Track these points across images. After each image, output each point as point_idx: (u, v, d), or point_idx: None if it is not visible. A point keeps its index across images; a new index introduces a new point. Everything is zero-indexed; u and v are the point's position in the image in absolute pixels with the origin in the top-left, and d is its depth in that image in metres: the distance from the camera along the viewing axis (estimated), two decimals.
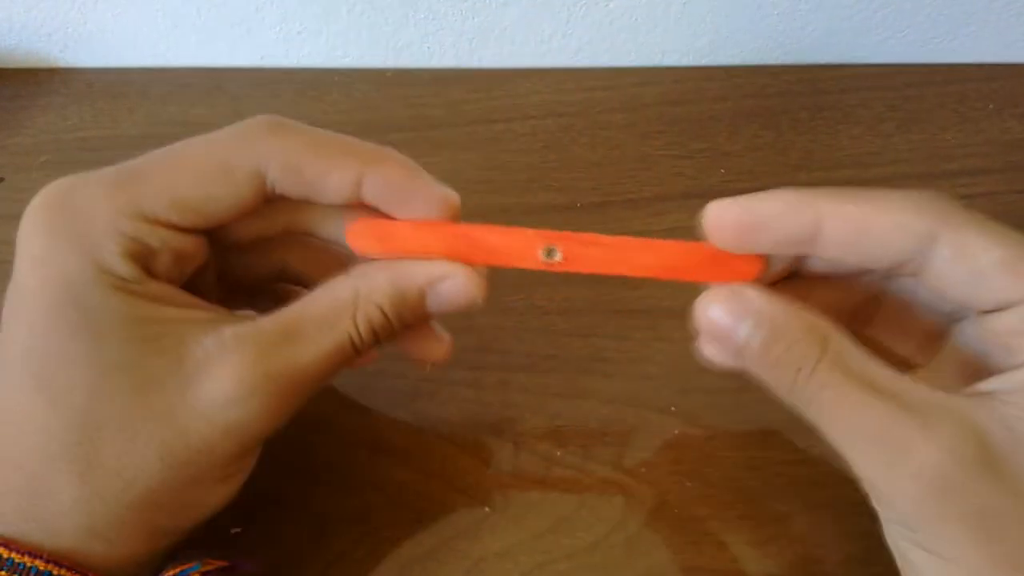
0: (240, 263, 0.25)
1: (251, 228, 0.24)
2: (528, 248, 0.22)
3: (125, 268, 0.21)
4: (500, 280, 0.34)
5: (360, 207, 0.22)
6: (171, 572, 0.22)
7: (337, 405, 0.31)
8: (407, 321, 0.22)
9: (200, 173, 0.21)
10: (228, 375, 0.20)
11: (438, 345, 0.25)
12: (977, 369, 0.21)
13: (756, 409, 0.30)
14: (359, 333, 0.21)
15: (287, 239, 0.25)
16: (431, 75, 0.44)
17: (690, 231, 0.36)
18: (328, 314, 0.21)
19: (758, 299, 0.20)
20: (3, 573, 0.19)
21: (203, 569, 0.22)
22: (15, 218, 0.37)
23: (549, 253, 0.22)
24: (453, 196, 0.22)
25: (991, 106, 0.41)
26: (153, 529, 0.21)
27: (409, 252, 0.22)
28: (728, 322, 0.21)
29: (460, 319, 0.33)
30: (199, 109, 0.42)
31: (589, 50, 0.44)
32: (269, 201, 0.22)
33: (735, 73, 0.44)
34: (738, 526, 0.27)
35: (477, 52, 0.44)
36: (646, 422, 0.30)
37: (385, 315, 0.22)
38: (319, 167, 0.22)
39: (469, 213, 0.27)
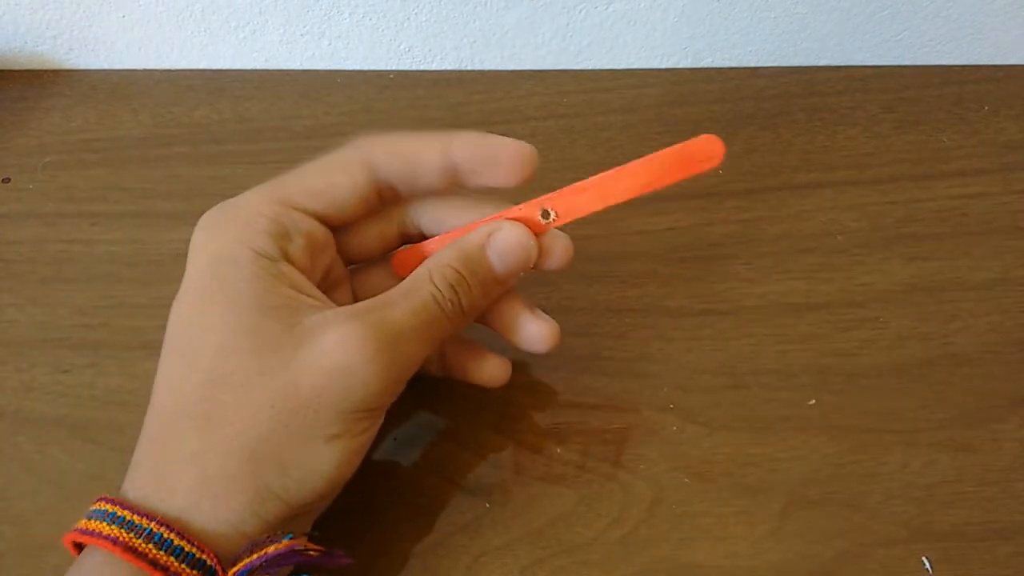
0: (375, 281, 0.29)
1: (372, 230, 0.28)
2: (532, 217, 0.26)
3: (265, 244, 0.24)
4: None
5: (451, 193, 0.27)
6: (263, 543, 0.23)
7: None
8: (480, 278, 0.26)
9: (324, 168, 0.26)
10: (332, 333, 0.23)
11: (501, 366, 0.29)
12: None
13: (753, 407, 0.31)
14: (439, 289, 0.25)
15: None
16: (432, 77, 0.45)
17: (689, 231, 0.37)
18: (411, 283, 0.25)
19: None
20: (124, 532, 0.21)
21: (294, 541, 0.22)
22: (20, 218, 0.38)
23: (545, 215, 0.26)
24: (528, 147, 0.26)
25: (987, 108, 0.42)
26: (259, 486, 0.22)
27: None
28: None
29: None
30: (202, 111, 0.43)
31: (589, 52, 0.44)
32: (384, 200, 0.27)
33: (733, 75, 0.44)
34: (735, 522, 0.28)
35: (478, 55, 0.45)
36: (645, 420, 0.30)
37: (458, 271, 0.25)
38: (413, 147, 0.26)
39: None
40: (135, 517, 0.21)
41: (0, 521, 0.28)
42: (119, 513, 0.22)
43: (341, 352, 0.23)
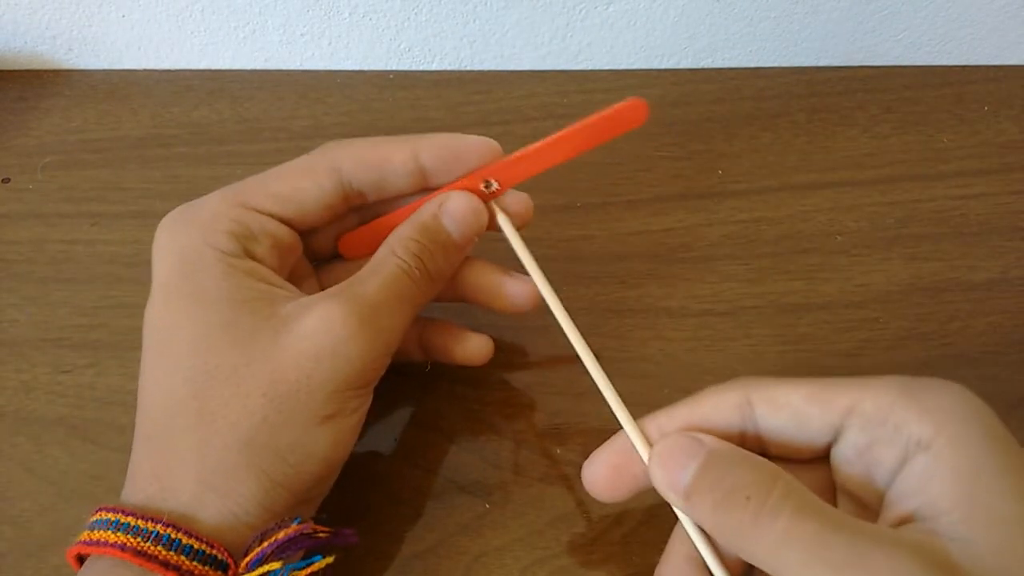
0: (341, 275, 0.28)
1: (337, 230, 0.29)
2: (475, 188, 0.27)
3: (228, 244, 0.25)
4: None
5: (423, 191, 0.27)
6: (273, 529, 0.23)
7: None
8: (440, 244, 0.26)
9: (289, 173, 0.27)
10: (312, 316, 0.23)
11: (481, 342, 0.29)
12: (868, 499, 0.22)
13: None
14: (404, 260, 0.25)
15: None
16: (432, 77, 0.45)
17: (689, 231, 0.37)
18: (376, 260, 0.26)
19: (708, 439, 0.22)
20: (130, 537, 0.21)
21: (302, 525, 0.23)
22: (20, 218, 0.38)
23: (487, 185, 0.27)
24: (493, 143, 0.27)
25: (987, 108, 0.42)
26: (260, 475, 0.23)
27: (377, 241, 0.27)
28: (679, 460, 0.21)
29: (460, 318, 0.33)
30: (202, 111, 0.43)
31: (588, 53, 0.44)
32: (350, 205, 0.27)
33: (733, 76, 0.44)
34: None
35: (478, 55, 0.45)
36: None
37: (418, 241, 0.26)
38: (381, 153, 0.26)
39: None
40: (139, 521, 0.21)
41: (0, 521, 0.28)
42: (122, 520, 0.22)
43: (324, 332, 0.23)
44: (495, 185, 0.27)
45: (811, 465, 0.23)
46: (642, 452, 0.23)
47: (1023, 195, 0.38)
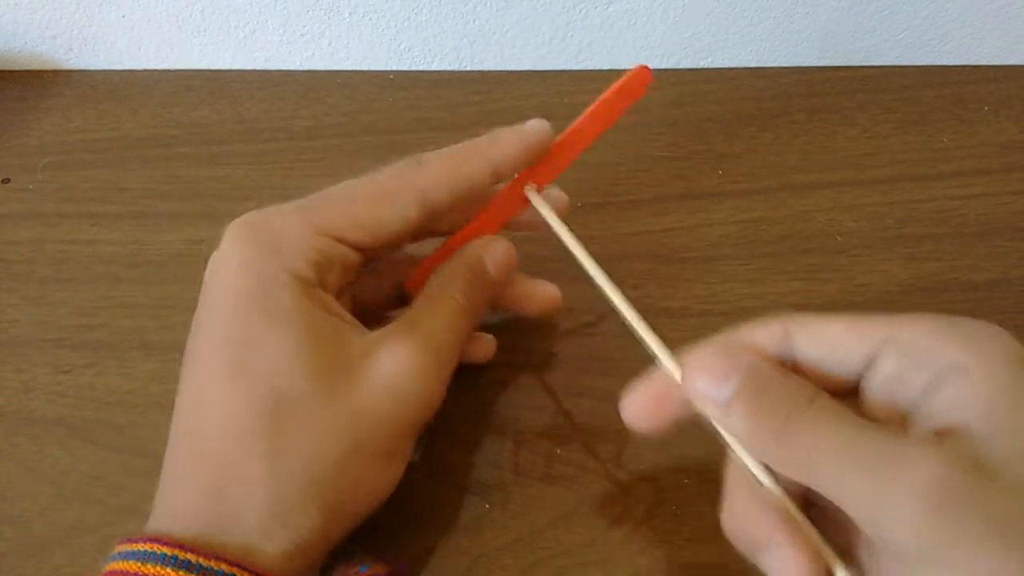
0: (371, 286, 0.29)
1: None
2: (519, 194, 0.28)
3: (308, 272, 0.24)
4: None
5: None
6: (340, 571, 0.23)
7: None
8: (484, 285, 0.27)
9: (371, 199, 0.26)
10: (387, 356, 0.24)
11: (486, 345, 0.30)
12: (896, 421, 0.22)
13: None
14: (461, 299, 0.26)
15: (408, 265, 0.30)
16: (432, 77, 0.45)
17: (689, 231, 0.37)
18: (431, 297, 0.26)
19: (745, 353, 0.22)
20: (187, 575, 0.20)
21: (369, 572, 0.23)
22: (20, 218, 0.38)
23: (528, 187, 0.28)
24: (545, 130, 0.28)
25: (987, 108, 0.42)
26: (329, 511, 0.23)
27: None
28: (720, 372, 0.21)
29: None
30: (202, 111, 0.43)
31: (588, 53, 0.44)
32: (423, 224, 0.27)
33: (733, 76, 0.44)
34: None
35: (478, 55, 0.45)
36: None
37: (470, 282, 0.27)
38: (464, 173, 0.26)
39: None
40: (202, 559, 0.21)
41: (0, 521, 0.28)
42: (181, 556, 0.21)
43: (403, 375, 0.24)
44: (534, 187, 0.28)
45: (841, 398, 0.23)
46: (678, 376, 0.23)
47: (1023, 195, 0.38)
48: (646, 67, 0.28)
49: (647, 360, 0.32)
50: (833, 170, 0.39)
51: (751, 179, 0.39)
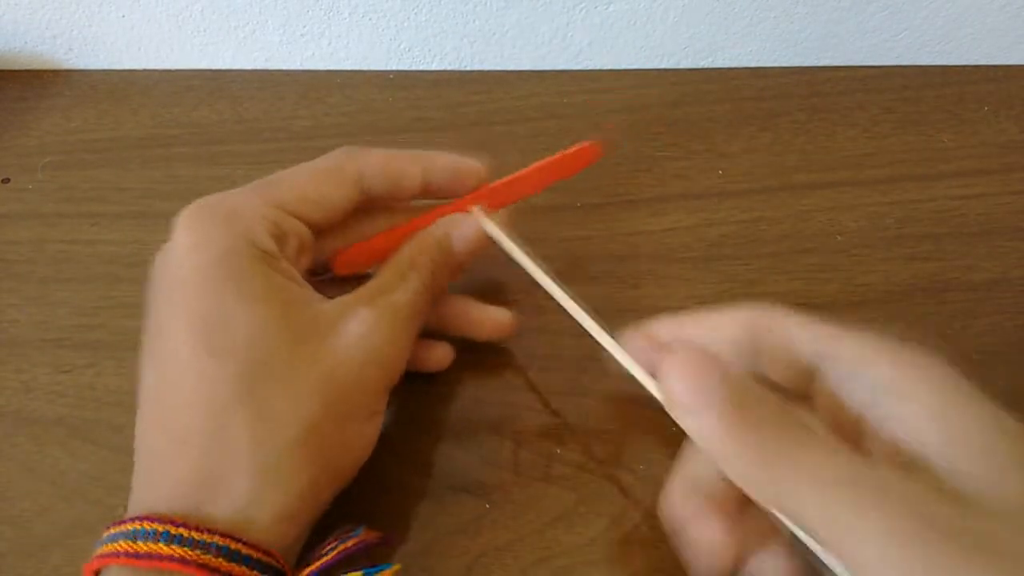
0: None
1: (349, 234, 0.30)
2: (464, 211, 0.30)
3: (269, 243, 0.25)
4: (499, 280, 0.35)
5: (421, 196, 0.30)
6: (333, 540, 0.24)
7: None
8: (449, 262, 0.29)
9: (318, 177, 0.27)
10: (356, 322, 0.25)
11: (443, 353, 0.31)
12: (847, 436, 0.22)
13: None
14: (424, 275, 0.27)
15: None
16: (432, 77, 0.45)
17: (689, 231, 0.37)
18: (398, 269, 0.27)
19: (721, 360, 0.22)
20: (188, 550, 0.21)
21: (363, 536, 0.24)
22: (20, 218, 0.38)
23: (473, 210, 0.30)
24: (480, 167, 0.30)
25: (987, 108, 0.42)
26: (317, 469, 0.23)
27: (382, 256, 0.28)
28: (701, 384, 0.21)
29: None
30: (202, 111, 0.43)
31: (589, 53, 0.44)
32: (361, 209, 0.29)
33: (733, 75, 0.44)
34: None
35: (478, 55, 0.45)
36: (644, 420, 0.30)
37: (434, 260, 0.28)
38: (398, 166, 0.29)
39: None
40: (194, 533, 0.21)
41: (0, 521, 0.28)
42: (174, 531, 0.21)
43: (370, 337, 0.25)
44: (478, 209, 0.30)
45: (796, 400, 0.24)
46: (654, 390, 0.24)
47: (1023, 195, 0.38)
48: (597, 145, 0.31)
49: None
50: (833, 170, 0.39)
51: (751, 179, 0.39)
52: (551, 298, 0.34)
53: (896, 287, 0.34)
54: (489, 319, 0.31)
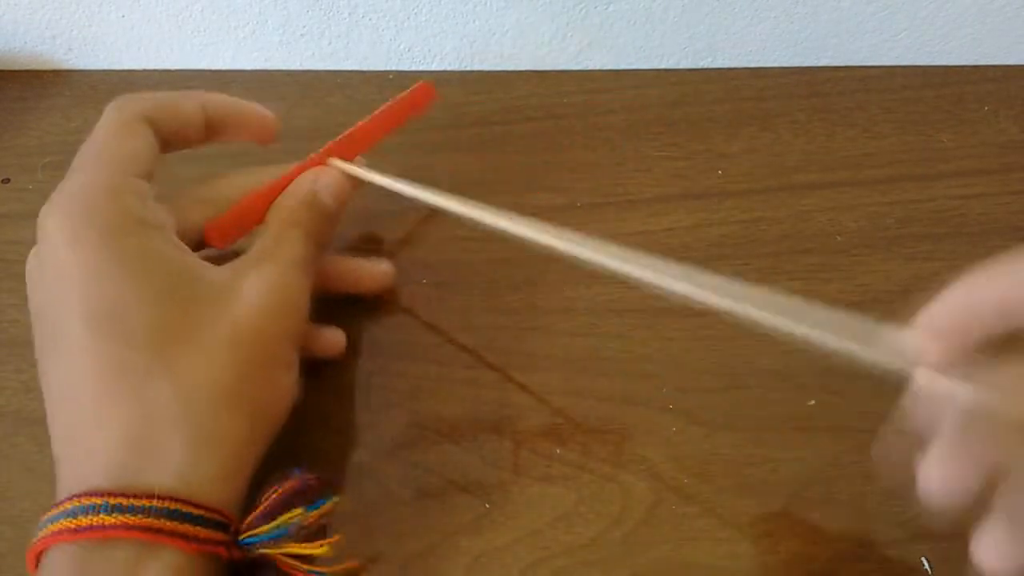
0: None
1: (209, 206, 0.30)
2: (322, 164, 0.31)
3: (141, 210, 0.26)
4: (499, 280, 0.35)
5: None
6: (273, 486, 0.24)
7: (336, 404, 0.31)
8: (324, 214, 0.30)
9: (117, 140, 0.27)
10: (252, 279, 0.26)
11: (334, 339, 0.31)
12: None
13: (753, 407, 0.31)
14: (302, 228, 0.28)
15: None
16: (432, 77, 0.44)
17: (689, 231, 0.37)
18: (276, 231, 0.28)
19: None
20: (126, 516, 0.21)
21: (301, 477, 0.25)
22: (20, 218, 0.38)
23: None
24: (269, 116, 0.31)
25: (987, 108, 0.42)
26: (248, 414, 0.24)
27: (252, 221, 0.30)
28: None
29: (459, 318, 0.33)
30: None
31: (588, 53, 0.44)
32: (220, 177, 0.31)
33: (733, 75, 0.44)
34: (734, 523, 0.28)
35: (478, 55, 0.45)
36: (644, 420, 0.30)
37: (307, 213, 0.29)
38: (176, 102, 0.29)
39: None
40: (133, 500, 0.21)
41: (0, 521, 0.28)
42: (113, 502, 0.21)
43: (271, 291, 0.26)
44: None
45: None
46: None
47: (1023, 195, 0.38)
48: (430, 84, 0.34)
49: (646, 360, 0.32)
50: (833, 170, 0.39)
51: (751, 179, 0.39)
52: (550, 299, 0.34)
53: (896, 287, 0.34)
54: (368, 273, 0.33)
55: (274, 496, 0.24)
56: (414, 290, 0.34)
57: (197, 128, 0.29)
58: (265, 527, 0.23)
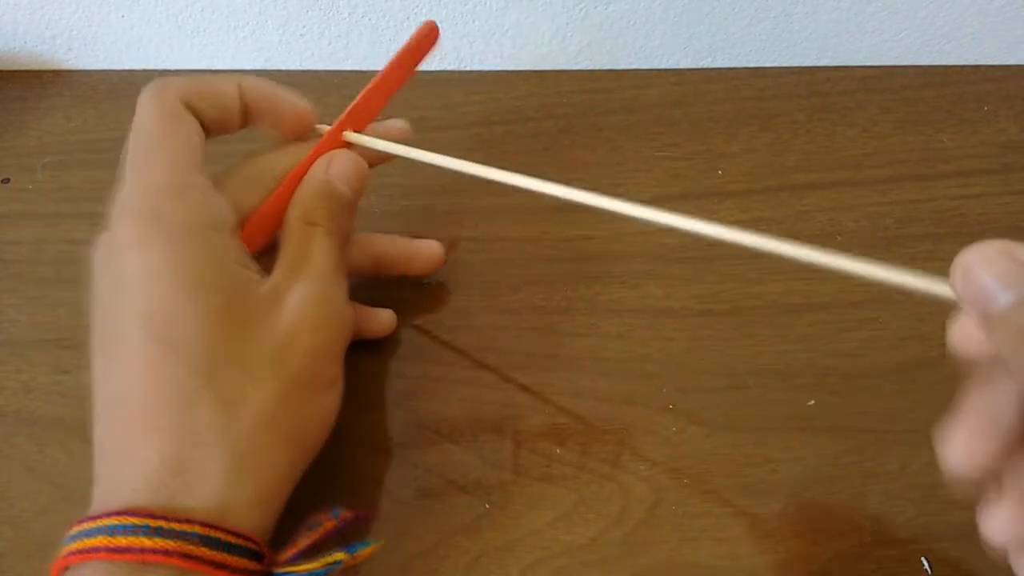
0: None
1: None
2: (338, 141, 0.30)
3: (208, 213, 0.25)
4: (499, 280, 0.35)
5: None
6: (311, 523, 0.24)
7: None
8: (341, 203, 0.29)
9: (172, 127, 0.27)
10: (293, 297, 0.25)
11: (386, 319, 0.32)
12: None
13: (753, 407, 0.31)
14: (322, 224, 0.27)
15: None
16: (432, 77, 0.45)
17: (689, 231, 0.37)
18: (297, 234, 0.27)
19: None
20: (170, 541, 0.21)
21: (341, 516, 0.24)
22: (20, 218, 0.38)
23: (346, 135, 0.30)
24: (304, 105, 0.30)
25: (987, 108, 0.42)
26: (288, 443, 0.24)
27: (279, 218, 0.28)
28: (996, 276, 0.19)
29: (459, 318, 0.33)
30: None
31: (588, 53, 0.44)
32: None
33: (733, 75, 0.44)
34: (735, 522, 0.28)
35: (478, 55, 0.45)
36: (644, 420, 0.30)
37: (323, 206, 0.28)
38: (214, 84, 0.28)
39: (470, 213, 0.27)
40: (174, 524, 0.21)
41: (0, 521, 0.28)
42: (154, 524, 0.21)
43: (312, 306, 0.26)
44: (352, 134, 0.30)
45: None
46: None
47: (1023, 195, 0.38)
48: (431, 23, 0.32)
49: (646, 360, 0.32)
50: (833, 170, 0.39)
51: (751, 179, 0.39)
52: (550, 299, 0.34)
53: (896, 287, 0.34)
54: (419, 253, 0.33)
55: (313, 536, 0.23)
56: (414, 290, 0.34)
57: (235, 115, 0.28)
58: (305, 566, 0.23)
